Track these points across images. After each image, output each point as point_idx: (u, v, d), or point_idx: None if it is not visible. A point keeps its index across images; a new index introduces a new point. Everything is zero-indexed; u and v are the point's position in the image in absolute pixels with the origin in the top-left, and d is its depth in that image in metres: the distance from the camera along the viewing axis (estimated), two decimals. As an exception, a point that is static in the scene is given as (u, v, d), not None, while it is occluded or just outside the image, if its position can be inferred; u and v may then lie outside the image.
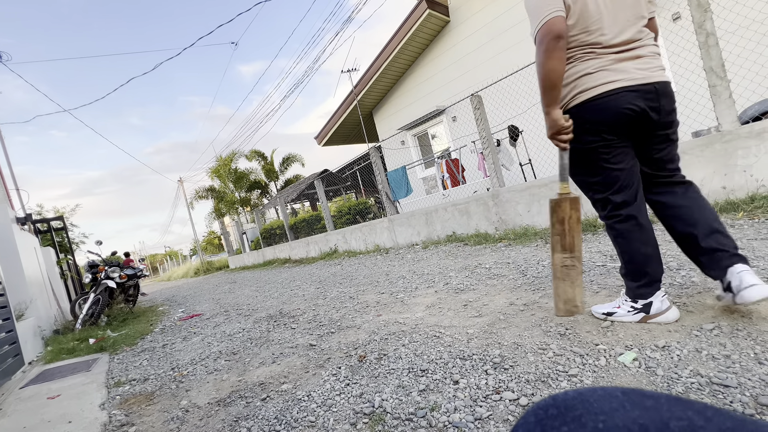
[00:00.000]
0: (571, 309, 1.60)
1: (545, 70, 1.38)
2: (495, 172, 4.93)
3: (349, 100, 10.13)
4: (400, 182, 7.19)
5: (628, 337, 1.47)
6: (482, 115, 4.99)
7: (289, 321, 3.07)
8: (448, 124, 8.79)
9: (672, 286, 1.86)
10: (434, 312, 2.38)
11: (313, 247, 9.22)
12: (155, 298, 9.26)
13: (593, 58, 1.41)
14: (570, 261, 1.54)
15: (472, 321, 2.05)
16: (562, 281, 1.56)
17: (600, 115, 1.41)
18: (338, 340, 2.26)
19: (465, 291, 2.70)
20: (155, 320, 4.99)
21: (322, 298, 3.75)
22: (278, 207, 12.82)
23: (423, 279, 3.45)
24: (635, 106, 1.37)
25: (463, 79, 8.16)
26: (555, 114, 1.40)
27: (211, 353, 2.63)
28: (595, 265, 2.55)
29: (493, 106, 6.25)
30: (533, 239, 3.97)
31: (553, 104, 1.40)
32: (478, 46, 7.85)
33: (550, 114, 1.41)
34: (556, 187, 4.26)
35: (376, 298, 3.16)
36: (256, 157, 18.84)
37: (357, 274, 4.82)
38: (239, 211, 18.02)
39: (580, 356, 1.41)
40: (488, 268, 3.21)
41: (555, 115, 1.40)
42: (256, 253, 13.08)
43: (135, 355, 3.11)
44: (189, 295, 8.06)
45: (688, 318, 1.51)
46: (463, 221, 5.36)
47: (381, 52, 8.93)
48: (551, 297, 2.13)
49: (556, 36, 1.35)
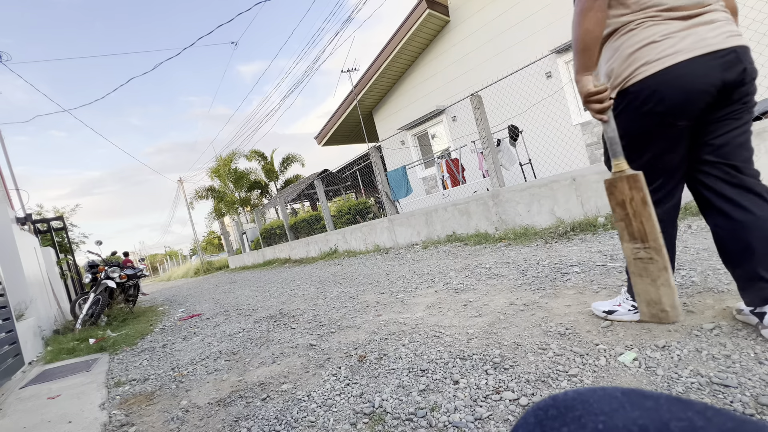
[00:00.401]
0: (657, 314, 1.29)
1: (580, 31, 1.23)
2: (495, 172, 4.92)
3: (349, 100, 10.13)
4: (400, 182, 7.19)
5: (628, 337, 1.47)
6: (482, 115, 4.99)
7: (289, 321, 3.07)
8: (448, 123, 8.78)
9: (672, 286, 1.86)
10: (434, 312, 2.38)
11: (313, 247, 9.22)
12: (155, 298, 9.26)
13: (658, 24, 1.20)
14: (645, 253, 1.26)
15: (472, 321, 2.05)
16: (640, 278, 1.30)
17: (669, 93, 1.18)
18: (338, 340, 2.26)
19: (465, 291, 2.70)
20: (155, 320, 4.99)
21: (322, 298, 3.75)
22: (278, 207, 12.82)
23: (423, 279, 3.45)
24: (715, 78, 1.14)
25: (463, 78, 8.16)
26: (584, 80, 1.25)
27: (211, 353, 2.63)
28: (595, 264, 2.55)
29: (493, 106, 6.25)
30: (533, 239, 3.97)
31: (584, 70, 1.26)
32: (478, 45, 7.85)
33: (579, 81, 1.27)
34: (556, 187, 4.28)
35: (376, 298, 3.16)
36: (255, 157, 18.84)
37: (357, 274, 4.82)
38: (239, 211, 18.03)
39: (581, 356, 1.41)
40: (488, 268, 3.21)
41: (584, 81, 1.25)
42: (256, 253, 13.08)
43: (135, 355, 3.11)
44: (189, 295, 8.06)
45: (688, 318, 1.51)
46: (463, 221, 5.36)
47: (381, 52, 8.93)
48: (551, 297, 2.13)
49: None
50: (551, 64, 6.70)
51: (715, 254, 2.18)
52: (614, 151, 1.28)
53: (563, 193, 4.16)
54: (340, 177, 15.08)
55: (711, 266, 2.01)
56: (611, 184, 1.32)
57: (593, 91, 1.24)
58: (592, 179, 3.92)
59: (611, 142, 1.28)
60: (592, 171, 3.94)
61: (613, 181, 1.31)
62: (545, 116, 6.66)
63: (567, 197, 4.13)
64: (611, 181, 1.31)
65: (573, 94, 6.70)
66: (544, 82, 6.75)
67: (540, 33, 6.81)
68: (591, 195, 3.94)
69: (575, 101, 6.69)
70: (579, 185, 4.02)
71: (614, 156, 1.29)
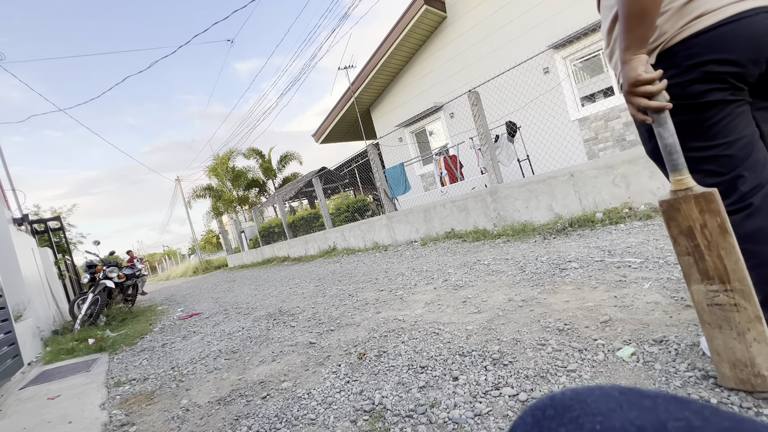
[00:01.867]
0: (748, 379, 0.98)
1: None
2: (493, 168, 4.93)
3: (346, 98, 10.09)
4: (398, 179, 7.18)
5: (626, 332, 1.47)
6: (480, 112, 4.98)
7: (288, 319, 3.07)
8: (446, 120, 8.77)
9: (669, 281, 1.87)
10: (433, 309, 2.38)
11: (311, 245, 9.22)
12: (154, 297, 9.25)
13: None
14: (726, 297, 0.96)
15: (471, 317, 2.06)
16: (719, 330, 0.99)
17: (730, 49, 0.92)
18: (338, 337, 2.27)
19: (464, 287, 2.71)
20: (154, 320, 4.98)
21: (321, 295, 3.76)
22: (276, 205, 12.80)
23: (422, 276, 3.46)
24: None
25: (460, 75, 8.14)
26: (635, 61, 0.93)
27: (211, 352, 2.63)
28: (593, 260, 2.56)
29: (490, 103, 6.24)
30: (532, 235, 3.98)
31: (637, 45, 0.93)
32: (475, 42, 7.83)
33: (628, 62, 0.94)
34: (554, 183, 4.29)
35: (375, 295, 3.17)
36: (253, 155, 18.78)
37: (356, 271, 4.83)
38: (237, 209, 17.99)
39: (579, 351, 1.42)
40: (487, 265, 3.22)
41: (635, 62, 0.93)
42: (255, 252, 13.07)
43: (135, 355, 3.11)
44: (188, 294, 8.06)
45: (684, 312, 1.52)
46: (461, 218, 5.36)
47: (378, 49, 8.89)
48: (550, 293, 2.14)
49: None
50: (548, 60, 6.69)
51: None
52: (674, 162, 0.99)
53: (561, 188, 4.16)
54: (339, 175, 15.05)
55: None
56: (671, 206, 1.01)
57: (645, 78, 0.92)
58: (589, 174, 3.92)
59: (670, 150, 0.98)
60: (590, 166, 3.94)
61: (674, 202, 1.00)
62: (543, 112, 6.66)
63: (565, 193, 4.14)
64: (671, 202, 1.01)
65: (570, 89, 6.69)
66: (541, 77, 6.74)
67: (537, 29, 6.79)
68: (589, 190, 3.94)
69: (573, 96, 6.69)
70: (577, 181, 4.02)
71: (674, 169, 0.99)
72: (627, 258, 2.41)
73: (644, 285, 1.90)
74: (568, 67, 6.69)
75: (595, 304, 1.82)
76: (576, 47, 6.41)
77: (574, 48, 6.44)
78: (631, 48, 0.93)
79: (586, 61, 6.56)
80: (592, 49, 6.31)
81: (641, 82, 0.93)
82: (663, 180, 3.43)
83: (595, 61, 6.45)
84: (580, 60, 6.58)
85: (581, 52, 6.45)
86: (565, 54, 6.58)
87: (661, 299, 1.69)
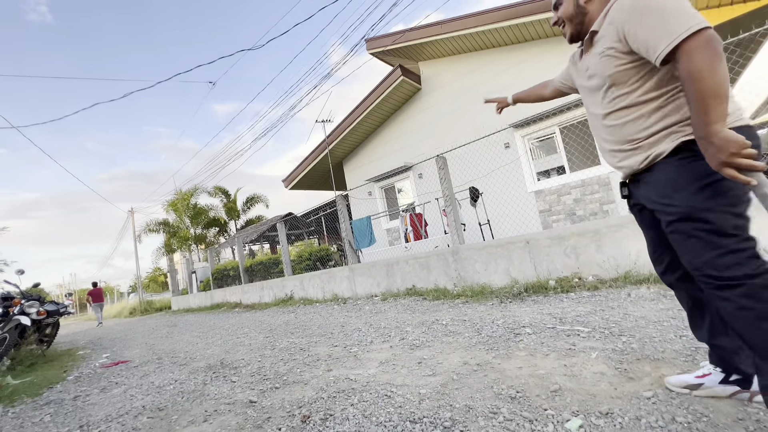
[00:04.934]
0: None
1: (719, 76, 1.00)
2: (456, 229, 5.11)
3: (320, 149, 10.38)
4: (364, 231, 7.22)
5: (574, 403, 1.48)
6: (446, 175, 5.28)
7: (230, 373, 2.80)
8: (415, 180, 9.17)
9: (614, 352, 1.94)
10: (387, 369, 2.28)
11: (267, 292, 8.76)
12: (77, 339, 8.15)
13: None
14: None
15: (425, 380, 1.98)
16: None
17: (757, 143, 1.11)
18: (282, 396, 2.08)
19: (420, 347, 2.64)
20: (71, 366, 4.35)
21: (270, 348, 3.50)
22: (235, 247, 12.26)
23: (379, 333, 3.35)
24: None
25: (430, 140, 8.72)
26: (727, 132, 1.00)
27: (132, 408, 2.30)
28: (546, 326, 2.62)
29: (456, 168, 6.66)
30: (489, 297, 4.05)
31: (722, 120, 1.01)
32: (445, 113, 8.54)
33: (719, 132, 0.99)
34: (511, 248, 4.50)
35: (328, 351, 3.00)
36: (218, 194, 18.33)
37: (311, 323, 4.59)
38: (192, 248, 17.01)
39: (530, 422, 1.39)
40: (445, 325, 3.20)
41: (727, 133, 0.99)
42: (204, 295, 12.16)
43: (36, 409, 2.65)
44: (119, 337, 7.19)
45: (628, 384, 1.56)
46: (423, 275, 5.39)
47: (355, 108, 9.43)
48: (504, 357, 2.14)
49: (721, 42, 1.03)
50: (509, 136, 7.38)
51: (652, 323, 2.33)
52: None
53: (518, 254, 4.36)
54: (305, 221, 14.90)
55: (648, 334, 2.14)
56: None
57: (747, 143, 0.98)
58: (543, 243, 4.16)
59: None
60: (544, 236, 4.20)
61: None
62: (503, 182, 7.18)
63: (521, 259, 4.33)
64: None
65: (528, 164, 7.33)
66: (503, 151, 7.37)
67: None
68: (543, 258, 4.16)
69: (530, 170, 7.31)
70: (532, 248, 4.25)
71: None
72: (576, 326, 2.50)
73: (591, 354, 1.96)
74: (526, 144, 7.40)
75: (546, 372, 1.83)
76: (533, 128, 7.16)
77: (531, 129, 7.19)
78: (719, 121, 1.00)
79: (541, 141, 7.30)
80: (546, 132, 7.08)
81: (746, 144, 0.98)
82: (609, 253, 3.71)
83: (549, 142, 7.20)
84: (537, 139, 7.32)
85: (537, 133, 7.21)
86: (524, 133, 7.31)
87: (607, 370, 1.74)
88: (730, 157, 0.98)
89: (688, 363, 1.68)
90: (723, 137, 0.98)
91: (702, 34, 1.01)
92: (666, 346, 1.92)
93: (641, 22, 1.08)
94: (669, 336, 2.05)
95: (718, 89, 0.99)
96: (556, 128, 6.92)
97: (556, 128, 6.91)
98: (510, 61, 7.39)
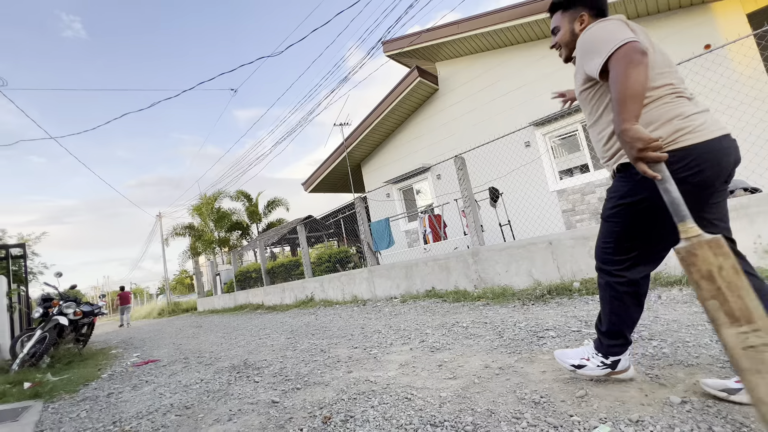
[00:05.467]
0: None
1: (632, 80, 1.15)
2: (475, 230, 5.04)
3: (339, 152, 10.48)
4: (382, 233, 7.23)
5: (602, 409, 1.43)
6: (465, 176, 5.22)
7: (253, 373, 2.86)
8: (433, 181, 9.12)
9: (644, 357, 1.86)
10: (407, 371, 2.27)
11: (288, 293, 8.90)
12: (110, 339, 8.53)
13: (684, 100, 1.29)
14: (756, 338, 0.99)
15: (445, 383, 1.96)
16: (758, 375, 0.97)
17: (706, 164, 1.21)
18: (303, 397, 2.11)
19: (441, 350, 2.62)
20: (105, 364, 4.55)
21: (291, 349, 3.55)
22: (257, 249, 12.54)
23: (399, 335, 3.34)
24: (735, 156, 1.26)
25: (448, 141, 8.65)
26: (637, 127, 1.14)
27: (161, 406, 2.38)
28: (570, 330, 2.55)
29: (475, 168, 6.58)
30: (511, 300, 3.96)
31: (635, 118, 1.16)
32: (463, 113, 8.46)
33: (630, 129, 1.14)
34: (533, 249, 4.39)
35: (348, 352, 3.02)
36: (240, 198, 18.79)
37: (331, 325, 4.63)
38: (216, 251, 17.51)
39: (555, 428, 1.35)
40: (465, 327, 3.15)
41: (637, 128, 1.14)
42: (228, 297, 12.49)
43: (74, 405, 2.79)
44: (148, 337, 7.48)
45: (660, 391, 1.49)
46: (442, 277, 5.34)
47: (373, 111, 9.48)
48: (527, 361, 2.09)
49: (642, 51, 1.17)
50: (530, 135, 7.22)
51: (685, 326, 2.22)
52: (680, 213, 1.13)
53: (540, 255, 4.26)
54: (324, 224, 15.07)
55: (680, 338, 2.04)
56: (689, 252, 1.11)
57: (653, 138, 1.13)
58: (567, 244, 4.05)
59: (675, 203, 1.14)
60: (568, 236, 4.09)
61: (691, 249, 1.10)
62: (524, 181, 7.03)
63: (544, 260, 4.22)
64: (688, 249, 1.11)
65: (549, 163, 7.15)
66: (523, 150, 7.22)
67: (519, 107, 7.43)
68: (567, 259, 4.04)
69: (552, 169, 7.13)
70: (555, 249, 4.13)
71: (681, 220, 1.13)
72: (603, 330, 2.41)
73: (620, 359, 1.88)
74: (547, 142, 7.22)
75: (571, 376, 1.78)
76: (554, 126, 6.99)
77: (552, 127, 7.02)
78: (630, 119, 1.16)
79: (563, 139, 7.11)
80: (568, 129, 6.89)
81: (652, 140, 1.13)
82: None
83: (571, 140, 7.00)
84: (559, 138, 7.14)
85: (559, 131, 7.02)
86: (545, 131, 7.14)
87: (636, 375, 1.67)
88: (640, 152, 1.13)
89: (725, 370, 1.59)
90: (632, 134, 1.14)
91: (621, 48, 1.20)
92: (701, 351, 1.82)
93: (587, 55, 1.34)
94: (704, 340, 1.95)
95: (631, 91, 1.16)
96: (578, 125, 6.73)
97: (579, 125, 6.72)
98: (529, 58, 7.24)
